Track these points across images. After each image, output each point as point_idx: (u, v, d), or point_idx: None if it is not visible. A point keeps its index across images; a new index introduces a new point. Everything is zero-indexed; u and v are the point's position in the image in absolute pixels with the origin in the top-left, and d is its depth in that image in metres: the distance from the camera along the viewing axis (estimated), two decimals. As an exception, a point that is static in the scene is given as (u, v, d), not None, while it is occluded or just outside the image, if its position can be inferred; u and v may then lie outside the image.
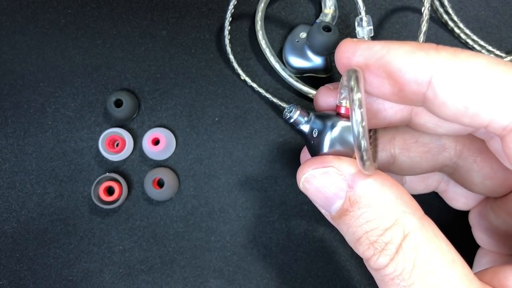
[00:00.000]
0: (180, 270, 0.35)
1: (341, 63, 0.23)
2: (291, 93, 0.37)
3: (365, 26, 0.29)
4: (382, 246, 0.21)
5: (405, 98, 0.22)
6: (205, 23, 0.37)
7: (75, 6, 0.37)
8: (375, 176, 0.22)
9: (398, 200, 0.22)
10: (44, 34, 0.37)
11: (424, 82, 0.21)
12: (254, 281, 0.35)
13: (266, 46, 0.36)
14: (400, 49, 0.21)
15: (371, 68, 0.22)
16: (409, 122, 0.25)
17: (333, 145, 0.24)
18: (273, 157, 0.36)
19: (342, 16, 0.38)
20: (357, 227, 0.22)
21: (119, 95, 0.34)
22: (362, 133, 0.20)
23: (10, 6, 0.37)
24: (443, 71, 0.21)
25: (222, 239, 0.35)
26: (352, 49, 0.23)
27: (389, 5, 0.38)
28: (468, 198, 0.32)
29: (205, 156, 0.36)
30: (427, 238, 0.21)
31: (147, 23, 0.37)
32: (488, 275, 0.22)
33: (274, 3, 0.38)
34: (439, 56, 0.21)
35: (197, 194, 0.35)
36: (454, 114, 0.21)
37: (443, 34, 0.38)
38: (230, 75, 0.37)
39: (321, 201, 0.23)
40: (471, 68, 0.20)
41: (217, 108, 0.36)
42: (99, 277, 0.34)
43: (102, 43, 0.37)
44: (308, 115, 0.26)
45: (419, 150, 0.29)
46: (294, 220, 0.35)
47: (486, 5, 0.38)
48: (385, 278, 0.21)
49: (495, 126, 0.21)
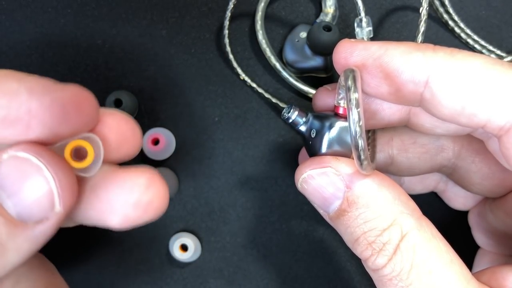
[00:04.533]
0: (180, 270, 0.35)
1: (339, 63, 0.23)
2: (291, 93, 0.37)
3: (365, 27, 0.29)
4: (380, 246, 0.21)
5: (403, 98, 0.23)
6: (205, 23, 0.37)
7: (75, 6, 0.37)
8: (373, 177, 0.22)
9: (396, 200, 0.22)
10: (44, 34, 0.37)
11: (421, 82, 0.21)
12: (254, 281, 0.35)
13: (266, 46, 0.36)
14: (397, 50, 0.22)
15: (369, 68, 0.22)
16: (407, 122, 0.25)
17: (331, 145, 0.24)
18: (273, 157, 0.36)
19: (342, 15, 0.38)
20: (355, 228, 0.22)
21: (119, 95, 0.34)
22: (359, 132, 0.20)
23: (10, 6, 0.37)
24: (440, 71, 0.21)
25: (222, 239, 0.35)
26: (349, 49, 0.23)
27: (389, 4, 0.38)
28: (467, 199, 0.32)
29: (205, 156, 0.36)
30: (425, 239, 0.21)
31: (147, 23, 0.37)
32: (486, 275, 0.22)
33: (274, 3, 0.38)
34: (436, 56, 0.21)
35: (197, 194, 0.35)
36: (451, 114, 0.21)
37: (443, 34, 0.38)
38: (230, 75, 0.37)
39: (319, 202, 0.23)
40: (468, 68, 0.20)
41: (217, 108, 0.36)
42: (98, 277, 0.34)
43: (102, 43, 0.37)
44: (307, 116, 0.26)
45: (417, 151, 0.29)
46: (294, 220, 0.35)
47: (487, 4, 0.38)
48: (383, 278, 0.21)
49: (492, 126, 0.21)
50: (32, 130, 0.19)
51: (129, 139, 0.23)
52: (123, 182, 0.21)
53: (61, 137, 0.20)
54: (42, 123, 0.19)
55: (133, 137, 0.23)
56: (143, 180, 0.21)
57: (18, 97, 0.19)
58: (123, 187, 0.21)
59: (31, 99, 0.19)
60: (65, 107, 0.20)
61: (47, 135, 0.20)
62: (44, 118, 0.19)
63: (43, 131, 0.19)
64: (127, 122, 0.23)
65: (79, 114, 0.21)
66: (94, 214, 0.22)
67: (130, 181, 0.21)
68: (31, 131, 0.19)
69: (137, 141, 0.23)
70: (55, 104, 0.19)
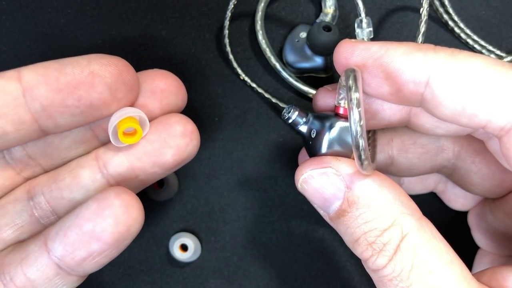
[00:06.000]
0: (180, 270, 0.35)
1: (340, 64, 0.23)
2: (291, 93, 0.37)
3: (365, 28, 0.29)
4: (380, 247, 0.21)
5: (403, 98, 0.23)
6: (205, 23, 0.37)
7: (75, 6, 0.37)
8: (373, 177, 0.22)
9: (396, 200, 0.22)
10: (44, 34, 0.37)
11: (422, 83, 0.21)
12: (254, 281, 0.35)
13: (266, 46, 0.36)
14: (398, 50, 0.22)
15: (369, 69, 0.22)
16: (407, 123, 0.25)
17: (331, 145, 0.24)
18: (273, 157, 0.36)
19: (342, 15, 0.38)
20: (355, 228, 0.22)
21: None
22: (360, 132, 0.20)
23: (10, 6, 0.37)
24: (440, 71, 0.21)
25: (222, 239, 0.35)
26: (350, 49, 0.23)
27: (389, 5, 0.38)
28: (467, 199, 0.32)
29: (205, 156, 0.36)
30: (425, 239, 0.21)
31: (147, 23, 0.37)
32: (486, 275, 0.23)
33: (274, 3, 0.38)
34: (436, 56, 0.21)
35: (197, 194, 0.35)
36: (451, 114, 0.21)
37: (443, 34, 0.38)
38: (230, 75, 0.37)
39: (319, 202, 0.23)
40: (469, 69, 0.20)
41: (217, 108, 0.36)
42: (98, 277, 0.34)
43: (102, 43, 0.37)
44: (307, 116, 0.26)
45: (417, 151, 0.29)
46: (294, 220, 0.35)
47: (487, 5, 0.38)
48: (383, 279, 0.21)
49: (492, 127, 0.21)
50: (96, 89, 0.23)
51: (175, 90, 0.27)
52: (168, 123, 0.26)
53: (119, 99, 0.25)
54: (102, 83, 0.24)
55: (177, 89, 0.27)
56: (178, 117, 0.26)
57: (79, 63, 0.24)
58: (169, 125, 0.26)
59: (90, 64, 0.23)
60: (118, 68, 0.24)
61: (107, 95, 0.24)
62: (104, 77, 0.23)
63: (104, 90, 0.24)
64: (171, 76, 0.27)
65: (128, 77, 0.25)
66: (151, 157, 0.26)
67: (174, 118, 0.26)
68: (95, 90, 0.23)
69: (182, 93, 0.28)
70: (111, 65, 0.24)
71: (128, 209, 0.23)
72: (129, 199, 0.23)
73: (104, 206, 0.22)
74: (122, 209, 0.22)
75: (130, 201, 0.23)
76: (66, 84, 0.23)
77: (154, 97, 0.26)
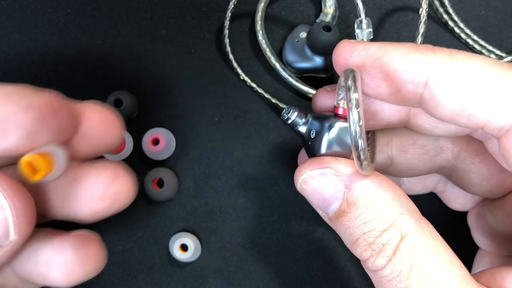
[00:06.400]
0: (180, 270, 0.35)
1: (339, 64, 0.23)
2: (291, 93, 0.37)
3: (365, 29, 0.29)
4: (379, 247, 0.21)
5: (402, 98, 0.23)
6: (205, 23, 0.37)
7: (75, 6, 0.37)
8: (373, 177, 0.22)
9: (395, 201, 0.22)
10: (44, 34, 0.37)
11: (420, 83, 0.21)
12: (254, 281, 0.35)
13: (266, 46, 0.36)
14: (396, 50, 0.22)
15: (368, 69, 0.22)
16: (407, 123, 0.25)
17: (331, 146, 0.24)
18: (273, 157, 0.36)
19: (342, 16, 0.38)
20: (354, 228, 0.22)
21: (119, 95, 0.34)
22: (359, 132, 0.20)
23: (10, 6, 0.37)
24: (439, 72, 0.21)
25: (222, 239, 0.35)
26: (349, 50, 0.23)
27: (389, 5, 0.38)
28: (466, 199, 0.32)
29: (205, 156, 0.36)
30: (424, 240, 0.21)
31: (147, 23, 0.37)
32: (486, 276, 0.22)
33: (274, 3, 0.38)
34: (435, 57, 0.21)
35: (197, 194, 0.35)
36: (450, 114, 0.21)
37: (443, 34, 0.38)
38: (230, 75, 0.37)
39: (319, 202, 0.23)
40: (467, 69, 0.20)
41: (217, 108, 0.36)
42: (98, 277, 0.34)
43: (102, 43, 0.37)
44: (306, 116, 0.26)
45: (416, 152, 0.29)
46: (294, 220, 0.35)
47: (487, 5, 0.38)
48: (382, 279, 0.21)
49: (491, 127, 0.21)
50: (10, 136, 0.19)
51: (109, 131, 0.24)
52: (88, 177, 0.22)
53: (39, 144, 0.20)
54: (19, 128, 0.19)
55: (113, 129, 0.24)
56: (107, 174, 0.23)
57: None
58: (89, 182, 0.22)
59: (7, 104, 0.19)
60: (42, 112, 0.20)
61: (25, 141, 0.20)
62: (22, 122, 0.19)
63: (21, 136, 0.20)
64: (107, 114, 0.24)
65: (55, 120, 0.21)
66: (63, 210, 0.23)
67: (95, 176, 0.23)
68: (9, 136, 0.19)
69: (117, 133, 0.24)
70: (32, 109, 0.20)
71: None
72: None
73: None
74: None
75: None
76: None
77: (84, 139, 0.23)
